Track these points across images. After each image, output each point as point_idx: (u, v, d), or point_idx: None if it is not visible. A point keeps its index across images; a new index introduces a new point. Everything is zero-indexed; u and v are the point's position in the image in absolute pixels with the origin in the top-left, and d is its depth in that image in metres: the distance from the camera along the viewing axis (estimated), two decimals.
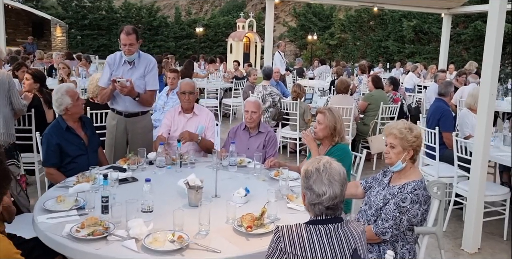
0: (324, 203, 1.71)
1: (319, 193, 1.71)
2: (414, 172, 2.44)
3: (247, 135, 3.65)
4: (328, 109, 3.17)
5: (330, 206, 1.73)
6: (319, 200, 1.72)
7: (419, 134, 2.42)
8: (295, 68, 13.88)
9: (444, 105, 4.78)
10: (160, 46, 28.66)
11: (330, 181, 1.73)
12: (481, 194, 3.70)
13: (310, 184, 1.73)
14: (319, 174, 1.73)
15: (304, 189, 1.77)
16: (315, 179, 1.73)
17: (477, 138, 3.67)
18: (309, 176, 1.74)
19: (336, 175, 1.75)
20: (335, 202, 1.74)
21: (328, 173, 1.74)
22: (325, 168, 1.75)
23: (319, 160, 1.78)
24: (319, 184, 1.73)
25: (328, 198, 1.71)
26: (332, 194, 1.72)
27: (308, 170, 1.76)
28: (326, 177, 1.73)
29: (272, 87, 6.56)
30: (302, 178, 1.77)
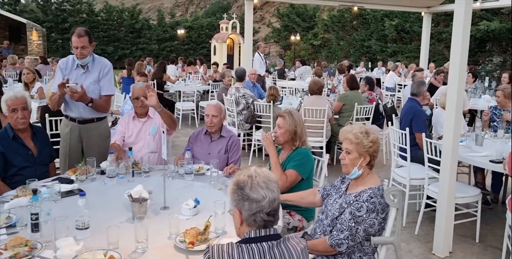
0: (265, 208, 1.59)
1: (259, 199, 1.58)
2: (371, 178, 2.31)
3: (209, 140, 3.49)
4: (289, 112, 3.04)
5: (271, 211, 1.60)
6: (259, 206, 1.58)
7: (376, 138, 2.29)
8: (276, 69, 13.76)
9: (416, 105, 4.68)
10: (143, 49, 28.34)
11: (266, 183, 1.62)
12: (451, 196, 3.60)
13: (247, 193, 1.59)
14: (253, 180, 1.61)
15: (238, 205, 1.61)
16: (250, 186, 1.60)
17: (446, 138, 3.56)
18: (243, 185, 1.60)
19: (270, 177, 1.64)
20: (275, 206, 1.62)
21: (262, 176, 1.63)
22: (257, 173, 1.63)
23: (247, 169, 1.66)
24: (257, 189, 1.60)
25: (269, 202, 1.59)
26: (272, 197, 1.61)
27: (240, 181, 1.61)
28: (262, 180, 1.62)
29: (245, 89, 6.42)
30: (235, 192, 1.62)
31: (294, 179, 2.86)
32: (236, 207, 1.62)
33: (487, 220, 4.35)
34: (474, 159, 3.80)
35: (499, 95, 5.25)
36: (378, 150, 2.33)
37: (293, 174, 2.86)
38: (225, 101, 6.53)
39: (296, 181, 2.88)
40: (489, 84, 9.44)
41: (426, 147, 3.91)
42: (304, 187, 2.86)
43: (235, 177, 1.66)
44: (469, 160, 3.89)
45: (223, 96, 6.63)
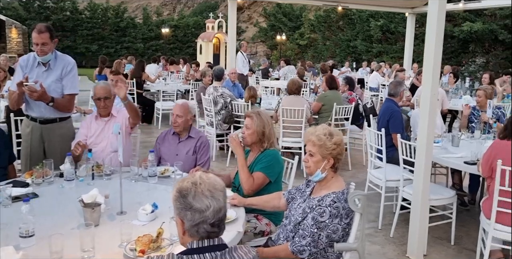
0: (209, 219, 1.46)
1: (202, 208, 1.46)
2: (336, 182, 2.22)
3: (176, 141, 3.37)
4: (256, 112, 2.93)
5: (215, 221, 1.48)
6: (203, 217, 1.46)
7: (340, 140, 2.20)
8: (261, 69, 13.67)
9: (393, 106, 4.62)
10: (128, 48, 28.06)
11: (211, 191, 1.49)
12: (425, 198, 3.53)
13: (189, 201, 1.47)
14: (197, 188, 1.48)
15: (180, 214, 1.49)
16: (194, 194, 1.47)
17: (420, 139, 3.50)
18: (186, 193, 1.48)
19: (216, 184, 1.51)
20: (220, 216, 1.50)
21: (207, 183, 1.50)
22: (202, 180, 1.51)
23: (193, 175, 1.54)
24: (201, 198, 1.47)
25: (213, 212, 1.47)
26: (217, 206, 1.48)
27: (183, 187, 1.49)
28: (207, 188, 1.49)
29: (223, 88, 6.30)
30: (177, 200, 1.50)
31: (261, 181, 2.76)
32: (178, 216, 1.51)
33: (463, 221, 4.32)
34: (449, 161, 3.74)
35: (480, 95, 5.22)
36: (343, 153, 2.23)
37: (261, 176, 2.76)
38: (203, 100, 6.41)
39: (264, 183, 2.78)
40: (472, 85, 9.48)
41: (401, 148, 3.84)
42: (272, 190, 2.76)
43: (178, 183, 1.54)
44: (444, 162, 3.83)
45: (202, 95, 6.51)
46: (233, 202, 2.45)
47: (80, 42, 27.04)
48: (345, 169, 6.05)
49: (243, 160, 2.80)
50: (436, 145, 4.17)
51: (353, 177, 5.75)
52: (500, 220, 3.11)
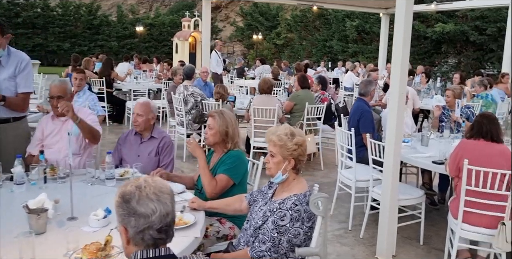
0: (156, 224, 1.35)
1: (148, 213, 1.35)
2: (297, 184, 2.13)
3: (138, 141, 3.23)
4: (219, 112, 2.83)
5: (163, 227, 1.37)
6: (148, 222, 1.35)
7: (302, 141, 2.12)
8: (236, 68, 13.56)
9: (364, 105, 4.58)
10: (102, 46, 27.50)
11: (157, 195, 1.38)
12: (393, 198, 3.50)
13: (133, 206, 1.35)
14: (141, 191, 1.37)
15: (123, 221, 1.37)
16: (138, 198, 1.36)
17: (388, 138, 3.46)
18: (130, 198, 1.36)
19: (162, 187, 1.41)
20: (168, 221, 1.39)
21: (153, 187, 1.39)
22: (147, 183, 1.40)
23: (137, 179, 1.43)
24: (146, 202, 1.36)
25: (160, 217, 1.36)
26: (164, 211, 1.37)
27: (126, 192, 1.38)
28: (152, 191, 1.38)
29: (194, 87, 6.16)
30: (119, 206, 1.38)
31: (225, 184, 2.66)
32: (121, 224, 1.39)
33: (433, 221, 4.32)
34: (418, 160, 3.72)
35: (449, 95, 5.26)
36: (305, 154, 2.15)
37: (224, 178, 2.66)
38: (173, 99, 6.26)
39: (227, 186, 2.67)
40: (444, 85, 9.63)
41: (370, 147, 3.80)
42: (236, 192, 2.65)
43: (121, 187, 1.42)
44: (412, 161, 3.81)
45: (172, 94, 6.36)
46: (193, 206, 2.33)
47: (52, 40, 26.34)
48: (318, 169, 6.01)
49: (204, 163, 2.68)
50: (405, 144, 4.16)
51: (325, 177, 5.71)
52: (467, 220, 3.10)
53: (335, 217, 4.38)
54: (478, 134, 3.19)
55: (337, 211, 4.51)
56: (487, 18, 16.11)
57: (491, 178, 2.96)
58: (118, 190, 1.42)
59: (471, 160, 3.04)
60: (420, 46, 18.22)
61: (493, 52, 16.13)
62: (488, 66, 16.80)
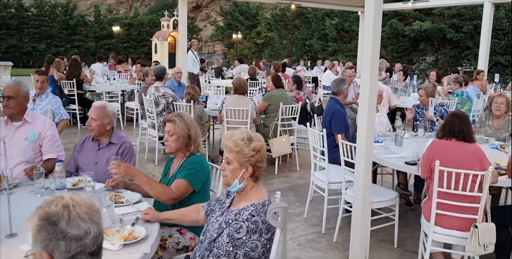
0: (89, 247, 1.21)
1: (80, 235, 1.20)
2: (256, 193, 1.99)
3: (96, 147, 3.04)
4: (178, 115, 2.66)
5: (95, 250, 1.23)
6: (81, 245, 1.19)
7: (260, 146, 1.97)
8: (214, 68, 13.38)
9: (336, 105, 4.47)
10: (79, 47, 26.93)
11: (89, 214, 1.23)
12: (366, 201, 3.39)
13: (63, 229, 1.19)
14: (71, 211, 1.21)
15: (48, 246, 1.19)
16: (68, 219, 1.20)
17: (359, 139, 3.35)
18: (57, 219, 1.20)
19: (93, 205, 1.27)
20: (99, 242, 1.25)
21: (83, 205, 1.24)
22: (75, 201, 1.24)
23: (60, 197, 1.27)
24: (77, 223, 1.20)
25: (93, 238, 1.22)
26: (97, 231, 1.23)
27: (51, 213, 1.21)
28: (83, 210, 1.23)
29: (165, 88, 5.98)
30: (43, 229, 1.19)
31: (184, 189, 2.49)
32: (45, 250, 1.22)
33: (408, 222, 4.24)
34: (390, 161, 3.62)
35: (422, 94, 5.21)
36: (264, 160, 2.01)
37: (183, 184, 2.49)
38: (145, 101, 6.06)
39: (187, 192, 2.51)
40: (423, 82, 9.63)
41: (342, 148, 3.69)
42: (197, 201, 2.49)
43: (40, 209, 1.25)
44: (384, 162, 3.71)
45: (143, 96, 6.16)
46: (146, 217, 2.17)
47: (27, 41, 25.66)
48: (293, 170, 5.89)
49: (145, 178, 2.44)
50: (378, 144, 4.07)
51: (301, 178, 5.60)
52: (440, 223, 3.01)
53: (309, 220, 4.26)
54: (450, 133, 3.11)
55: (311, 214, 4.40)
56: (463, 16, 16.27)
57: (463, 179, 2.88)
58: (37, 212, 1.24)
59: (443, 161, 2.95)
60: (399, 44, 18.31)
61: (469, 49, 16.30)
62: (465, 63, 16.98)
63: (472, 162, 2.97)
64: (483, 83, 9.03)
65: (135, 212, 2.30)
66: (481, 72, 8.98)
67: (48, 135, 3.10)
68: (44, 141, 3.10)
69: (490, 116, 4.72)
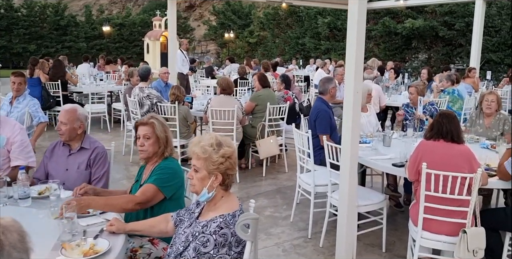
0: None
1: None
2: (226, 202, 1.85)
3: (66, 153, 2.89)
4: (152, 117, 2.52)
5: None
6: None
7: (230, 152, 1.83)
8: (204, 67, 13.22)
9: (321, 105, 4.33)
10: (70, 47, 26.64)
11: (21, 241, 1.09)
12: (352, 205, 3.27)
13: None
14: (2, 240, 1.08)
15: None
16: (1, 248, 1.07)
17: (344, 140, 3.23)
18: None
19: (22, 229, 1.13)
20: None
21: (14, 231, 1.10)
22: (5, 228, 1.10)
23: None
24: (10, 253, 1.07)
25: None
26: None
27: None
28: (16, 237, 1.09)
29: (150, 89, 5.82)
30: None
31: (152, 194, 2.33)
32: None
33: (397, 225, 4.12)
34: (377, 163, 3.49)
35: (412, 91, 5.10)
36: (234, 167, 1.87)
37: (151, 188, 2.34)
38: (129, 102, 5.91)
39: (156, 197, 2.35)
40: (415, 80, 9.54)
41: (327, 150, 3.55)
42: (171, 209, 2.34)
43: None
44: (371, 164, 3.58)
45: (127, 97, 6.00)
46: (111, 229, 2.03)
47: (17, 41, 25.33)
48: (282, 172, 5.76)
49: (102, 200, 2.26)
50: (366, 145, 3.94)
51: (289, 180, 5.47)
52: (428, 228, 2.89)
53: (295, 224, 4.13)
54: (438, 134, 2.98)
55: (298, 217, 4.27)
56: (455, 13, 16.19)
57: (451, 182, 2.75)
58: None
59: (430, 163, 2.83)
60: (391, 42, 18.21)
61: (462, 47, 16.23)
62: (457, 61, 16.91)
63: (461, 164, 2.85)
64: (475, 80, 8.94)
65: (101, 222, 2.15)
66: (473, 69, 8.89)
67: (17, 141, 2.95)
68: (13, 146, 2.95)
69: (480, 114, 4.61)
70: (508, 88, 8.56)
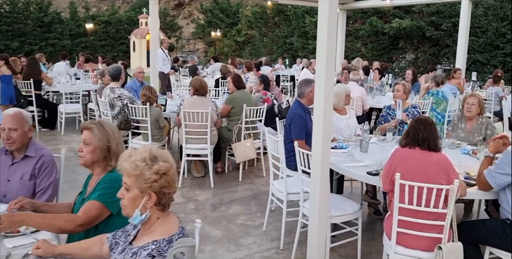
0: None
1: None
2: (162, 225, 1.61)
3: (9, 162, 2.63)
4: (98, 123, 2.28)
5: None
6: None
7: (166, 168, 1.59)
8: (188, 66, 12.94)
9: (297, 108, 4.10)
10: (54, 45, 26.11)
11: None
12: (323, 215, 3.06)
13: None
14: None
15: None
16: None
17: (314, 146, 3.01)
18: None
19: None
20: None
21: None
22: None
23: None
24: None
25: None
26: None
27: None
28: None
29: (122, 89, 5.55)
30: None
31: (96, 213, 2.09)
32: None
33: (375, 234, 3.93)
34: (351, 171, 3.28)
35: (399, 88, 4.91)
36: (172, 185, 1.63)
37: (94, 206, 2.10)
38: (100, 103, 5.64)
39: (101, 215, 2.12)
40: (402, 81, 9.36)
41: (299, 157, 3.34)
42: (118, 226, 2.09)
43: None
44: (345, 172, 3.36)
45: (98, 97, 5.73)
46: (37, 253, 1.78)
47: None
48: (259, 176, 5.54)
49: (38, 218, 2.01)
50: (342, 151, 3.73)
51: (266, 184, 5.21)
52: (402, 242, 2.69)
53: (268, 233, 3.92)
54: (414, 141, 2.79)
55: (271, 226, 4.05)
56: (442, 13, 16.10)
57: (427, 193, 2.55)
58: None
59: (405, 173, 2.63)
60: (379, 42, 18.10)
61: (448, 47, 16.15)
62: (444, 61, 16.86)
63: (438, 173, 2.65)
64: (461, 81, 8.81)
65: (31, 244, 1.91)
66: (458, 70, 8.76)
67: None
68: None
69: (463, 118, 4.44)
70: (493, 89, 8.43)
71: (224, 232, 3.92)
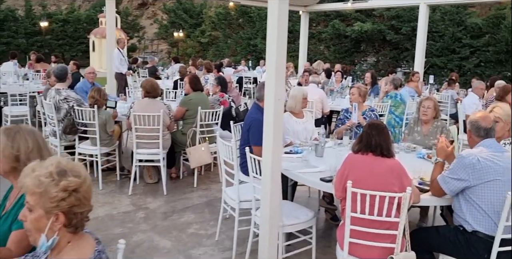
0: None
1: None
2: (74, 249, 1.39)
3: None
4: (11, 128, 2.00)
5: None
6: None
7: (77, 184, 1.36)
8: (147, 67, 12.56)
9: (256, 112, 3.92)
10: (8, 43, 24.86)
11: None
12: (274, 224, 2.90)
13: None
14: None
15: None
16: None
17: (264, 151, 2.85)
18: None
19: None
20: None
21: None
22: None
23: None
24: None
25: None
26: None
27: None
28: None
29: (69, 91, 5.20)
30: None
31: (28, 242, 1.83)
32: None
33: (331, 242, 3.82)
34: (304, 177, 3.14)
35: (354, 92, 4.85)
36: (85, 203, 1.40)
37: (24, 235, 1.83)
38: (44, 105, 5.27)
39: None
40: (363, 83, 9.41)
41: (250, 163, 3.17)
42: None
43: None
44: (299, 178, 3.22)
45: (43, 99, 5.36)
46: None
47: None
48: (216, 181, 5.33)
49: None
50: (297, 156, 3.60)
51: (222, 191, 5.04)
52: (354, 252, 2.57)
53: (220, 243, 3.72)
54: (367, 147, 2.67)
55: (224, 235, 3.86)
56: (401, 17, 16.47)
57: (379, 201, 2.44)
58: None
59: (358, 180, 2.51)
60: (341, 44, 18.31)
61: (408, 50, 16.53)
62: (404, 65, 17.24)
63: (391, 180, 2.54)
64: (419, 84, 8.94)
65: None
66: (416, 73, 8.88)
67: None
68: None
69: (419, 121, 4.42)
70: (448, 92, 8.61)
71: (174, 243, 3.70)
